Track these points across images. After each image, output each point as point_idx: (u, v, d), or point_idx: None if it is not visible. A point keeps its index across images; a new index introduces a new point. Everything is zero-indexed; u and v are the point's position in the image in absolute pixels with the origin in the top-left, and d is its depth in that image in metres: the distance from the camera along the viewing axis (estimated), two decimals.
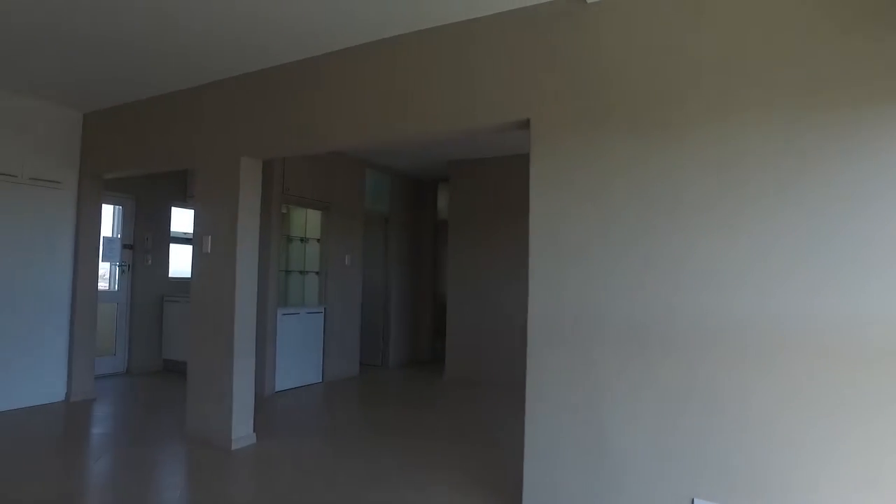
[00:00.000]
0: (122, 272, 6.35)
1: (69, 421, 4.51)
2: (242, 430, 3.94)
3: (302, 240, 6.58)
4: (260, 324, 5.51)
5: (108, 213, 6.27)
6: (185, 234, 7.03)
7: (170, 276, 6.80)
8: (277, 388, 5.67)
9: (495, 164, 6.56)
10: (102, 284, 6.21)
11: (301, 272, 6.53)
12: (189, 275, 4.40)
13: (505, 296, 6.37)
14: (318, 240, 6.43)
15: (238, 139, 3.99)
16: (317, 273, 6.40)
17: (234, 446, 3.83)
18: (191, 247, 4.37)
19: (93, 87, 4.53)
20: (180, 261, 6.97)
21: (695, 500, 2.46)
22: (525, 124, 2.97)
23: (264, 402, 5.19)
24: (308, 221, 6.60)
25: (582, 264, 2.76)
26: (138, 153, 4.68)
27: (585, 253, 2.75)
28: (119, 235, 6.36)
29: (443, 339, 7.96)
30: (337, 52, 3.58)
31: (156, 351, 6.64)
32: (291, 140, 3.77)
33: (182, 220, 7.07)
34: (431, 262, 8.10)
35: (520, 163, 6.36)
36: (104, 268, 6.21)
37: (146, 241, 6.54)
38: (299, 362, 5.94)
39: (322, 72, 3.66)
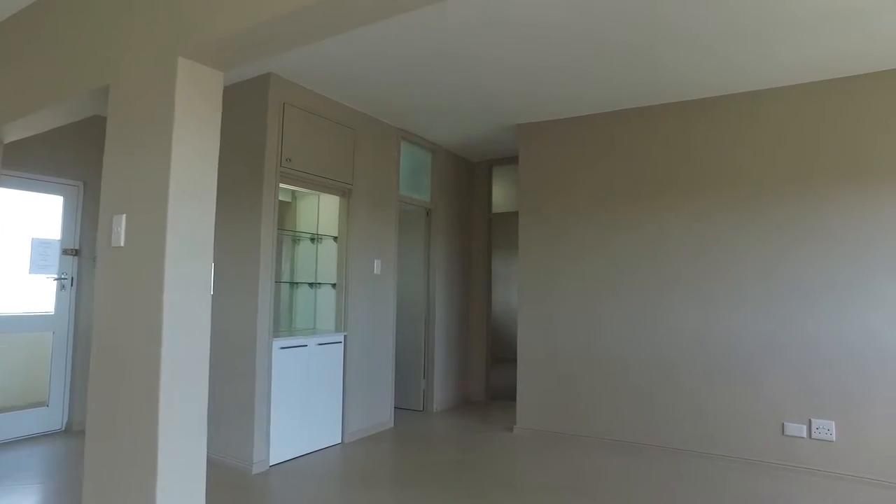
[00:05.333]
0: (61, 288, 4.52)
1: None
2: None
3: (313, 239, 4.66)
4: (246, 363, 3.61)
5: (42, 204, 4.46)
6: None
7: None
8: (273, 461, 3.73)
9: (591, 124, 4.58)
10: (33, 306, 4.38)
11: (311, 284, 4.61)
12: None
13: (614, 315, 4.36)
14: (336, 238, 4.51)
15: (174, 28, 2.11)
16: (333, 286, 4.48)
17: None
18: None
19: None
20: None
21: None
22: None
23: (250, 489, 3.26)
24: (321, 213, 4.68)
25: None
26: (41, 87, 2.83)
27: None
28: (59, 237, 4.54)
29: (501, 373, 5.98)
30: None
31: None
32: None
33: None
34: (486, 270, 6.13)
35: (645, 117, 4.09)
36: (35, 282, 4.39)
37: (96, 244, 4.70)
38: (307, 418, 4.00)
39: None
